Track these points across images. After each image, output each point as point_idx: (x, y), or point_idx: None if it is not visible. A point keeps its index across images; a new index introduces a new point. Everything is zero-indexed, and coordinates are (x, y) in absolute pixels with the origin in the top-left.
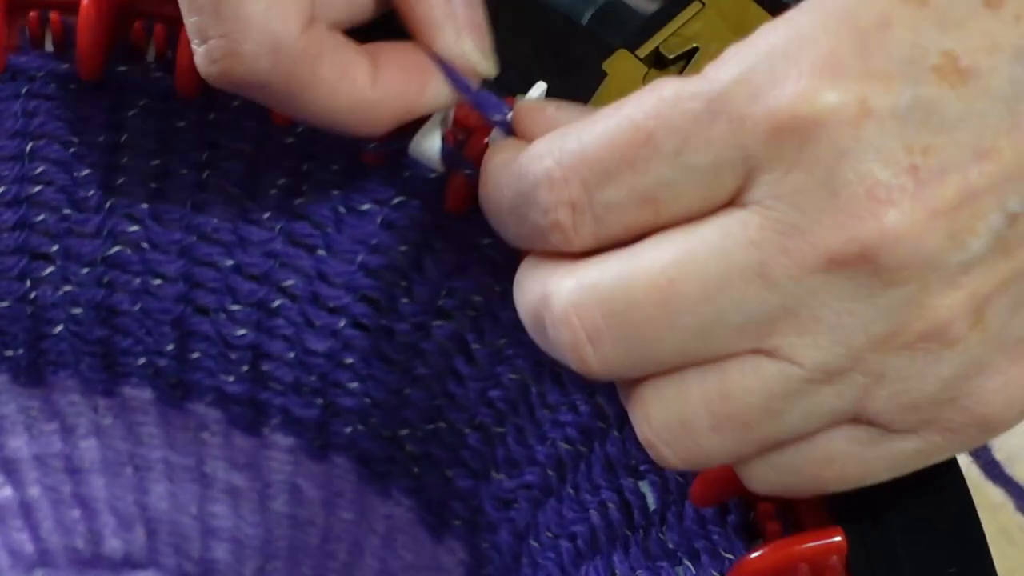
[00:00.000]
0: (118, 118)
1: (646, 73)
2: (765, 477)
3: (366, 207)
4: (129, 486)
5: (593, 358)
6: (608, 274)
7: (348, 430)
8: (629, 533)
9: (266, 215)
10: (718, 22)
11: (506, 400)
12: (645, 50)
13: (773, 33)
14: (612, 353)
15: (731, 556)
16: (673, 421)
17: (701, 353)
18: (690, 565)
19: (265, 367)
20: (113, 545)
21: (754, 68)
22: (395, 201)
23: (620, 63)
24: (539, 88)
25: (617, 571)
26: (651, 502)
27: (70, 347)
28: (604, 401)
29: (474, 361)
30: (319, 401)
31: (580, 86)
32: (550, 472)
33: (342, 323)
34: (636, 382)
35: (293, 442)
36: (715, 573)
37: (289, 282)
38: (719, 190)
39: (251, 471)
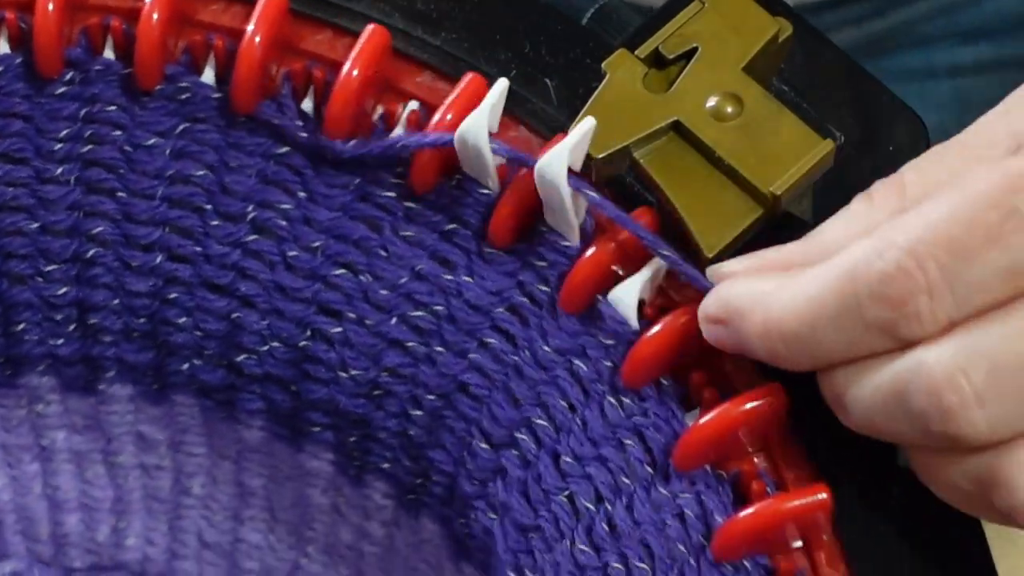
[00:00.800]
0: None
1: (646, 73)
2: None
3: (151, 142)
4: None
5: (979, 419)
6: (992, 336)
7: (185, 367)
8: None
9: (59, 170)
10: (718, 22)
11: (338, 298)
12: (645, 50)
13: None
14: (1000, 412)
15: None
16: None
17: None
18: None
19: (93, 320)
20: None
21: None
22: (179, 129)
23: (620, 63)
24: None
25: None
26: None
27: None
28: (447, 252)
29: (295, 269)
30: (151, 343)
31: (580, 86)
32: (411, 344)
33: (159, 259)
34: (1005, 447)
35: (131, 390)
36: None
37: (98, 229)
38: None
39: (92, 431)
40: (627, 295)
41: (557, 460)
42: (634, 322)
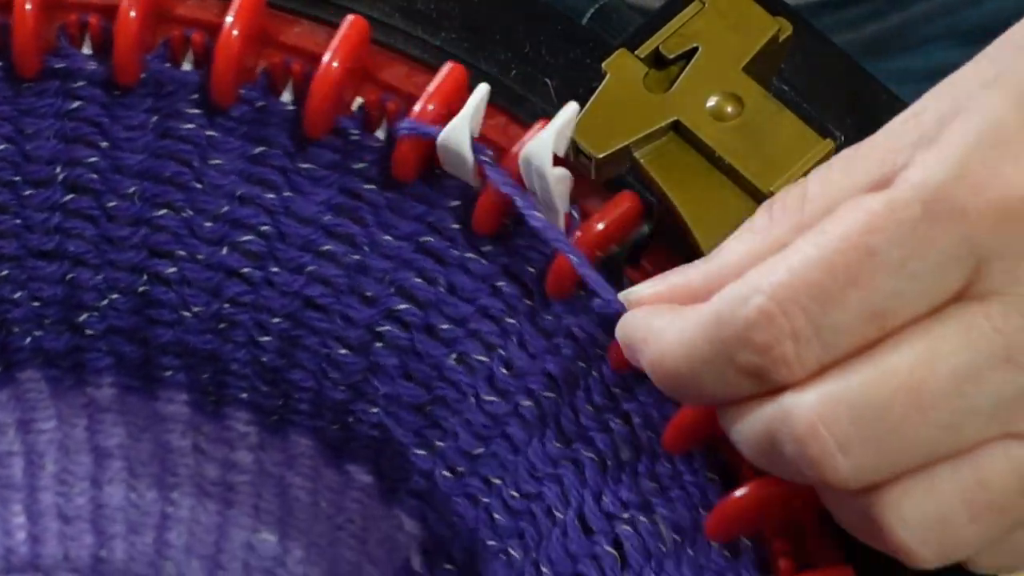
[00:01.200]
0: None
1: (646, 73)
2: (996, 559)
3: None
4: None
5: (844, 467)
6: (852, 383)
7: (28, 341)
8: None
9: None
10: (718, 22)
11: (167, 238)
12: (645, 50)
13: (966, 123)
14: (864, 459)
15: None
16: (930, 519)
17: (952, 446)
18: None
19: None
20: None
21: (965, 161)
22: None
23: (620, 63)
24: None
25: None
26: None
27: None
28: (263, 174)
29: (117, 219)
30: None
31: (580, 86)
32: (246, 270)
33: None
34: (880, 490)
35: None
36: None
37: None
38: (946, 288)
39: None
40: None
41: (433, 332)
42: (472, 180)
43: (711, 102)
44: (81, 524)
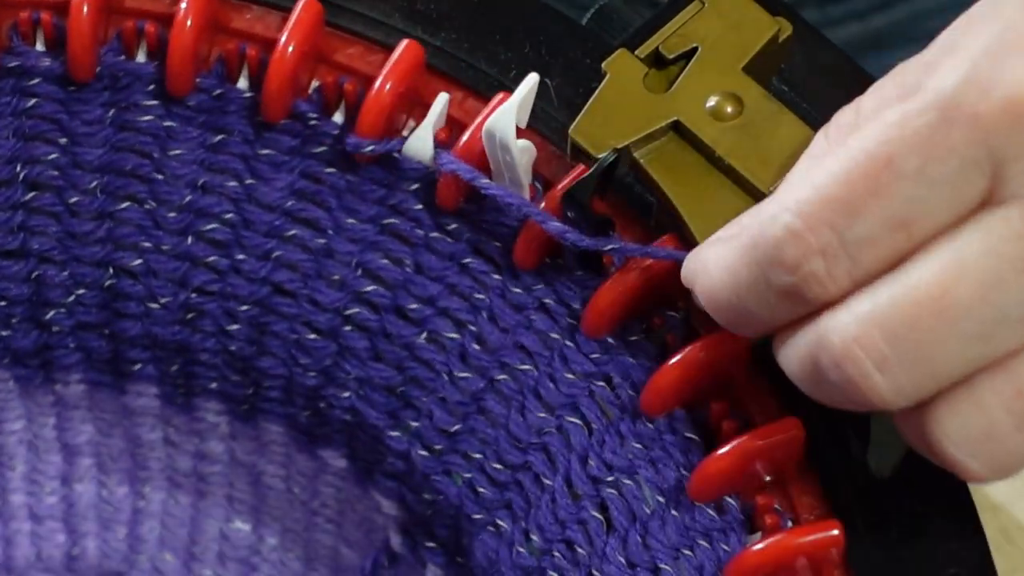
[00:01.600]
0: None
1: (646, 73)
2: None
3: None
4: None
5: (883, 386)
6: (881, 300)
7: (4, 334)
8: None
9: None
10: (718, 22)
11: (131, 231)
12: (645, 50)
13: (981, 29)
14: (901, 376)
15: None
16: (975, 433)
17: (987, 356)
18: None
19: None
20: None
21: (977, 65)
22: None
23: (620, 63)
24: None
25: None
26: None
27: None
28: (224, 163)
29: (80, 214)
30: None
31: (580, 86)
32: (212, 259)
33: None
34: (926, 408)
35: None
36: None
37: None
38: (968, 196)
39: None
40: (422, 139)
41: (402, 312)
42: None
43: (711, 102)
44: (53, 523)
